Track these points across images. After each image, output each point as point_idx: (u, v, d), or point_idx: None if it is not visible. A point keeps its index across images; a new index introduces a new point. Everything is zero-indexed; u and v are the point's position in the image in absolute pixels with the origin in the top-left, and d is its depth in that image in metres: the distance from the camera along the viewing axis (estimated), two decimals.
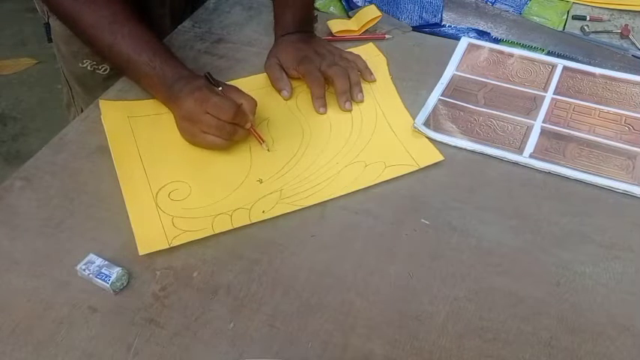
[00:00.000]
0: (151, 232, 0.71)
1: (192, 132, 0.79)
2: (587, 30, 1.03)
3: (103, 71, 1.02)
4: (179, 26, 1.04)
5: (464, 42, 0.99)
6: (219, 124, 0.77)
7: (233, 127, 0.78)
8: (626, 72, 0.93)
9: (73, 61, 1.03)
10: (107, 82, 0.92)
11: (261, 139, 0.81)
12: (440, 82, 0.92)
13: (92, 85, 1.02)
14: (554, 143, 0.82)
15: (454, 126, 0.85)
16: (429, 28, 1.05)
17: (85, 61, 1.02)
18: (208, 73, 0.82)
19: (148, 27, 0.83)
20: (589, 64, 0.95)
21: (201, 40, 1.01)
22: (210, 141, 0.78)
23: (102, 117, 0.85)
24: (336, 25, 1.02)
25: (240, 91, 0.81)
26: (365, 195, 0.76)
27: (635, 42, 1.01)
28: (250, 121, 0.80)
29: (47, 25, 1.03)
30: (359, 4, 1.08)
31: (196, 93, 0.78)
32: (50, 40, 1.03)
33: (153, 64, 0.81)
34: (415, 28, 1.04)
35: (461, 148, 0.82)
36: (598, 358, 0.61)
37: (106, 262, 0.67)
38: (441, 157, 0.80)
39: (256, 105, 0.80)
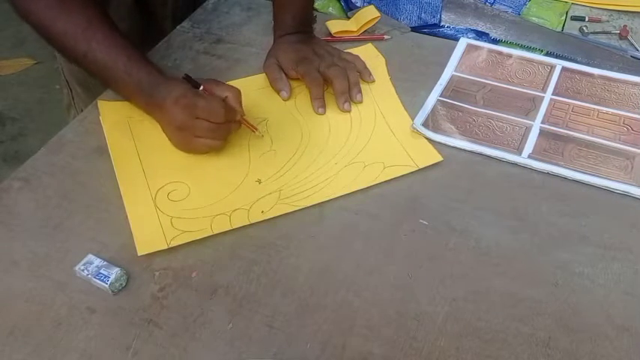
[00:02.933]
0: (150, 233, 0.71)
1: (186, 139, 0.78)
2: (586, 31, 1.03)
3: None
4: (178, 27, 1.04)
5: (463, 43, 0.99)
6: (211, 127, 0.76)
7: (226, 125, 0.78)
8: (624, 73, 0.93)
9: None
10: None
11: (254, 128, 0.81)
12: (439, 82, 0.92)
13: (93, 86, 1.02)
14: (552, 144, 0.82)
15: (453, 126, 0.85)
16: (428, 28, 1.05)
17: None
18: (186, 74, 0.81)
19: (122, 33, 0.81)
20: (588, 64, 0.95)
21: (200, 40, 1.01)
22: (205, 144, 0.78)
23: (100, 117, 0.85)
24: (335, 26, 1.02)
25: (221, 82, 0.80)
26: (364, 195, 0.76)
27: (634, 43, 1.01)
28: (240, 113, 0.79)
29: None
30: (358, 4, 1.08)
31: (181, 100, 0.76)
32: None
33: (129, 70, 0.79)
34: (414, 29, 1.04)
35: (460, 149, 0.82)
36: (596, 358, 0.61)
37: (105, 263, 0.67)
38: (439, 158, 0.80)
39: (240, 94, 0.79)
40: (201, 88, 0.79)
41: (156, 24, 1.05)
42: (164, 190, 0.76)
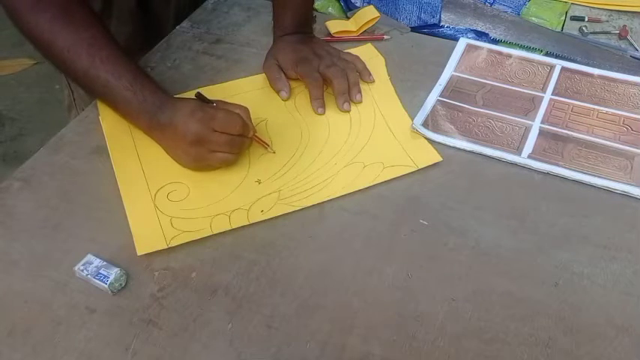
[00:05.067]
0: (150, 233, 0.71)
1: (201, 155, 0.76)
2: (586, 31, 1.04)
3: None
4: (177, 26, 1.04)
5: (462, 43, 0.99)
6: (228, 140, 0.75)
7: (241, 139, 0.76)
8: (624, 73, 0.93)
9: None
10: None
11: (266, 144, 0.81)
12: (438, 82, 0.92)
13: None
14: (552, 144, 0.82)
15: (452, 127, 0.85)
16: (428, 28, 1.05)
17: None
18: (199, 92, 0.80)
19: (125, 51, 0.79)
20: (587, 64, 0.95)
21: (200, 40, 1.01)
22: (221, 159, 0.76)
23: (100, 117, 0.85)
24: (335, 26, 1.02)
25: (230, 102, 0.79)
26: (363, 195, 0.76)
27: (634, 43, 1.01)
28: (253, 129, 0.79)
29: None
30: (357, 4, 1.09)
31: (198, 113, 0.75)
32: None
33: (133, 89, 0.76)
34: (414, 29, 1.04)
35: (459, 149, 0.82)
36: (596, 358, 0.61)
37: (105, 263, 0.67)
38: (439, 158, 0.80)
39: (249, 112, 0.79)
40: (214, 104, 0.78)
41: (158, 25, 1.05)
42: (164, 190, 0.76)
